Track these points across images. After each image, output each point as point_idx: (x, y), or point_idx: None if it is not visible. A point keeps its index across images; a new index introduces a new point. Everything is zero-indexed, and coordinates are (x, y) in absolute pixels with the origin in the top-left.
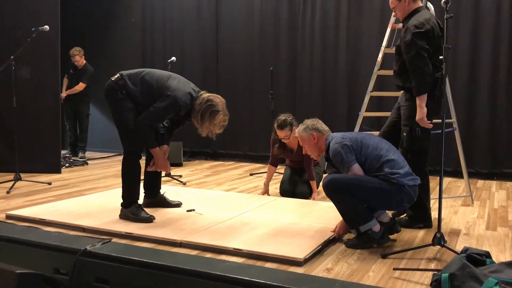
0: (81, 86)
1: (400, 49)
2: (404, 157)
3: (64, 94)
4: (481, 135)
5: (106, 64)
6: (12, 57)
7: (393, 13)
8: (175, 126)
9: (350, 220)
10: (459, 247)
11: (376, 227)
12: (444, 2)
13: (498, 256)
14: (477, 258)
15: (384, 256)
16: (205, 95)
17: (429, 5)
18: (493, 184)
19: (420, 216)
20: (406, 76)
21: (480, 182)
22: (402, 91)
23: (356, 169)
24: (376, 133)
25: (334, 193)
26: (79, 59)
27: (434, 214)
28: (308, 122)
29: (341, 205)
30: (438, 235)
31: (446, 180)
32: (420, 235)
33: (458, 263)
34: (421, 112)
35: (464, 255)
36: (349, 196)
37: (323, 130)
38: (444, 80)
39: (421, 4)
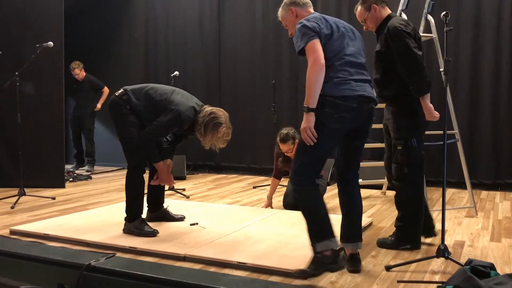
0: (106, 90)
1: (380, 55)
2: (400, 172)
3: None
4: (484, 146)
5: (110, 79)
6: (16, 73)
7: (364, 27)
8: (178, 140)
9: (312, 230)
10: (463, 259)
11: (328, 252)
12: (443, 15)
13: (503, 268)
14: (481, 270)
15: (388, 269)
16: (208, 108)
17: (429, 17)
18: (497, 194)
19: (408, 235)
20: (387, 83)
21: (484, 193)
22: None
23: (316, 44)
24: (379, 145)
25: (299, 189)
26: (79, 72)
27: (437, 226)
28: None
29: (306, 207)
30: (442, 247)
31: (450, 191)
32: (423, 247)
33: (462, 275)
34: (429, 111)
35: (468, 267)
36: (315, 196)
37: (301, 3)
38: (445, 92)
39: (390, 11)
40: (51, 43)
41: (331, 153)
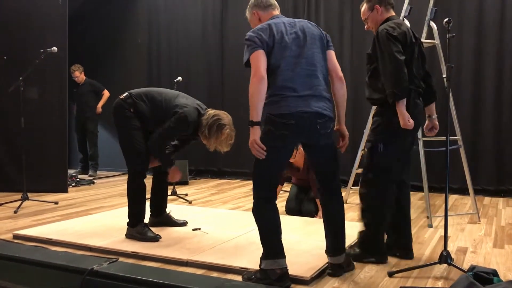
0: (106, 93)
1: (369, 58)
2: (365, 178)
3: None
4: (486, 152)
5: (113, 83)
6: (21, 78)
7: (365, 26)
8: (181, 146)
9: (263, 244)
10: (466, 265)
11: (276, 269)
12: (446, 21)
13: (506, 274)
14: (484, 277)
15: (390, 275)
16: (212, 111)
17: (432, 24)
18: (500, 201)
19: (370, 247)
20: (375, 87)
21: (487, 199)
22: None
23: (258, 55)
24: None
25: (254, 202)
26: (79, 75)
27: (440, 232)
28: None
29: (258, 221)
30: (444, 253)
31: (452, 198)
32: (426, 253)
33: (465, 281)
34: (402, 117)
35: (471, 273)
36: (267, 211)
37: (263, 5)
38: (448, 98)
39: (393, 14)
40: (55, 49)
41: (282, 168)
